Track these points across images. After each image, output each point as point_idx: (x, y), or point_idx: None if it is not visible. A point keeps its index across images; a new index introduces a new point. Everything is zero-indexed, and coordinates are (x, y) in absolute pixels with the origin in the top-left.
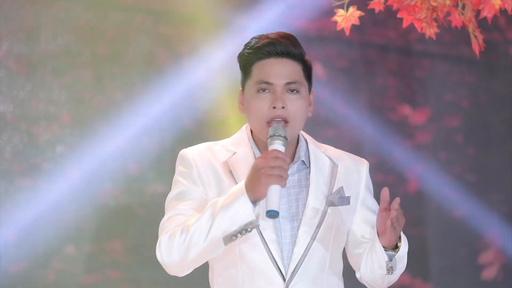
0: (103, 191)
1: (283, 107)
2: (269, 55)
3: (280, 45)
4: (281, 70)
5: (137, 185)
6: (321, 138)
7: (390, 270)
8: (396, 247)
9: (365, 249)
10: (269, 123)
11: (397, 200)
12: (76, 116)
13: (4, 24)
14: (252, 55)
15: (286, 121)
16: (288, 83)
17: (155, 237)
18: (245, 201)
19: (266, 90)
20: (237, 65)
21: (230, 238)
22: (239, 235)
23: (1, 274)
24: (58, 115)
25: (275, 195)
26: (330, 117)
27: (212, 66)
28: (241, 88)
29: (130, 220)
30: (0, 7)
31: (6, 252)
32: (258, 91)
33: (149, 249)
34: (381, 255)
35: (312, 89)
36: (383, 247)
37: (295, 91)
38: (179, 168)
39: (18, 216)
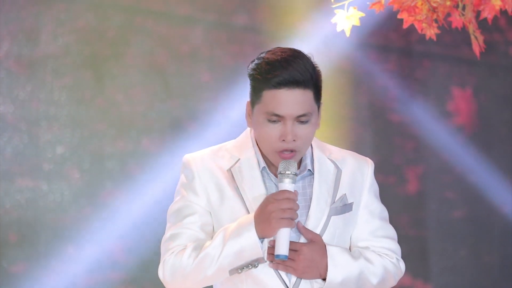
0: (103, 191)
1: (294, 140)
2: (279, 86)
3: (289, 75)
4: (291, 102)
5: (137, 186)
6: (321, 139)
7: None
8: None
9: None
10: (278, 152)
11: (271, 243)
12: (76, 116)
13: (4, 25)
14: (262, 83)
15: (294, 151)
16: (299, 116)
17: (155, 238)
18: (253, 238)
19: (277, 121)
20: (239, 65)
21: (236, 270)
22: (245, 268)
23: (1, 274)
24: (59, 116)
25: (284, 239)
26: (330, 118)
27: (213, 66)
28: (249, 101)
29: (130, 220)
30: (1, 7)
31: (6, 252)
32: (269, 120)
33: (149, 250)
34: (315, 284)
35: (321, 102)
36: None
37: (306, 122)
38: (181, 178)
39: (18, 216)
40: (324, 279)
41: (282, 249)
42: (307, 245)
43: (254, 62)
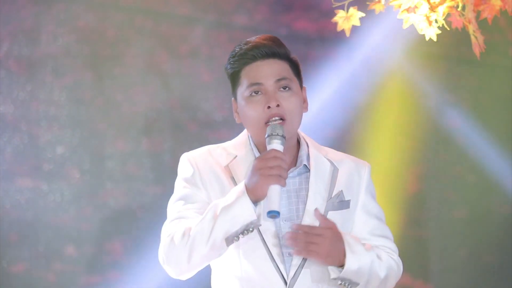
0: (103, 191)
1: (277, 105)
2: (254, 58)
3: (264, 47)
4: (269, 69)
5: (137, 186)
6: (321, 138)
7: (343, 285)
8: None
9: None
10: (267, 124)
11: (293, 227)
12: (76, 117)
13: (4, 25)
14: (238, 62)
15: (282, 119)
16: (279, 80)
17: (156, 238)
18: (246, 201)
19: (259, 92)
20: None
21: (232, 239)
22: (241, 235)
23: (1, 274)
24: (59, 116)
25: (275, 195)
26: (330, 118)
27: (213, 66)
28: (233, 98)
29: (130, 220)
30: (0, 7)
31: (6, 252)
32: (251, 94)
33: (149, 250)
34: (330, 271)
35: (304, 86)
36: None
37: (287, 88)
38: (181, 172)
39: (18, 216)
40: (340, 267)
41: (273, 205)
42: (329, 229)
43: (228, 57)
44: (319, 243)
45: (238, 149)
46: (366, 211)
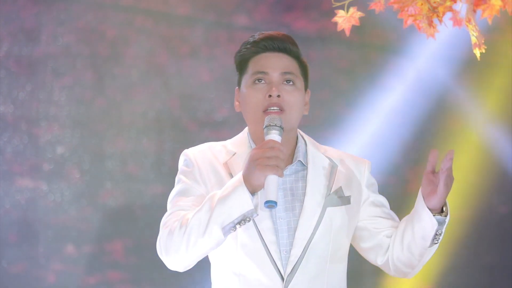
0: (103, 191)
1: (278, 96)
2: (265, 49)
3: (277, 40)
4: (277, 62)
5: (137, 186)
6: (321, 139)
7: (438, 237)
8: (441, 211)
9: (384, 237)
10: (265, 112)
11: (451, 152)
12: (76, 116)
13: (4, 25)
14: (249, 50)
15: (281, 109)
16: (284, 73)
17: (156, 238)
18: (243, 191)
19: (262, 81)
20: None
21: (229, 229)
22: (237, 225)
23: (1, 274)
24: (59, 116)
25: (272, 185)
26: (330, 118)
27: (213, 66)
28: (237, 87)
29: (130, 220)
30: (0, 7)
31: (6, 252)
32: (254, 82)
33: (150, 249)
34: (429, 221)
35: (308, 89)
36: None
37: (290, 82)
38: (181, 167)
39: (18, 216)
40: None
41: (271, 195)
42: None
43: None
44: (452, 182)
45: (237, 147)
46: (372, 204)
